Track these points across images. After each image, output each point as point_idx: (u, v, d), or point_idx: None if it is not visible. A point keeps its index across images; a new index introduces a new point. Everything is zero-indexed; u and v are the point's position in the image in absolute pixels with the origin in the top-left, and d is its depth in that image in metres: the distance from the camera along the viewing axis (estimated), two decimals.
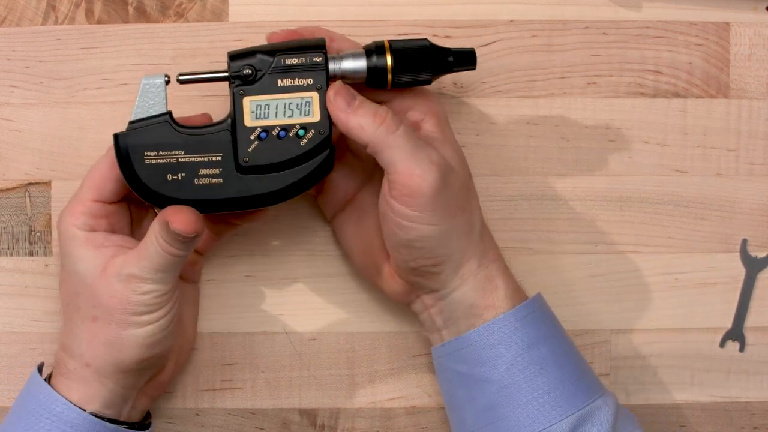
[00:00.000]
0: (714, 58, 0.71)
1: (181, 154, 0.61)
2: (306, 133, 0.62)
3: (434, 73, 0.62)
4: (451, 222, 0.60)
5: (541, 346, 0.61)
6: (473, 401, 0.62)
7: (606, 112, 0.71)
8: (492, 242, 0.64)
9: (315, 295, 0.71)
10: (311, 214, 0.71)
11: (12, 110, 0.70)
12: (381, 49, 0.62)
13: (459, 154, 0.63)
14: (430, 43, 0.62)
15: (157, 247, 0.59)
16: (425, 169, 0.59)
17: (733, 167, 0.71)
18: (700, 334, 0.72)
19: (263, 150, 0.62)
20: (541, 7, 0.71)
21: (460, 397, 0.63)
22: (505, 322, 0.61)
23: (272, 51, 0.61)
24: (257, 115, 0.61)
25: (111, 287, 0.60)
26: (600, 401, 0.61)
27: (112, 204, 0.63)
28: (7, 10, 0.70)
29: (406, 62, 0.62)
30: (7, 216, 0.70)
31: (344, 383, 0.71)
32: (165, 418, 0.70)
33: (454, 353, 0.63)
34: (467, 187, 0.63)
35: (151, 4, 0.70)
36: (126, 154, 0.61)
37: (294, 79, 0.61)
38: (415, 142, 0.60)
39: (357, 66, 0.62)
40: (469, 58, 0.63)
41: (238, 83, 0.61)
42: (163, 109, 0.61)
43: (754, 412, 0.72)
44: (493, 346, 0.61)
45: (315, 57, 0.61)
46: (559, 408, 0.60)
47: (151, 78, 0.61)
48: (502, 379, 0.61)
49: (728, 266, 0.72)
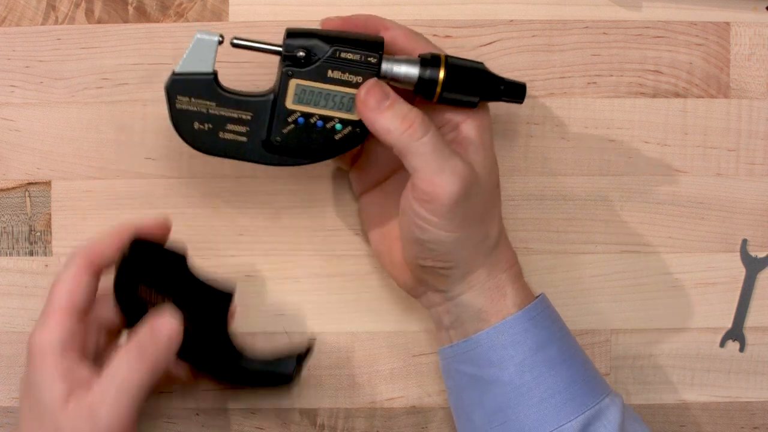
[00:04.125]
0: (714, 58, 0.71)
1: (212, 106, 0.61)
2: (343, 128, 0.62)
3: (482, 98, 0.62)
4: (467, 231, 0.60)
5: (550, 347, 0.61)
6: (483, 402, 0.62)
7: (606, 112, 0.71)
8: (507, 251, 0.64)
9: (315, 295, 0.71)
10: (311, 214, 0.71)
11: (12, 110, 0.70)
12: (437, 61, 0.61)
13: (490, 162, 0.62)
14: (485, 68, 0.62)
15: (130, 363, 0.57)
16: (447, 179, 0.58)
17: (733, 167, 0.72)
18: (700, 334, 0.72)
19: (297, 134, 0.62)
20: (541, 7, 0.71)
21: (468, 399, 0.63)
22: (514, 323, 0.61)
23: (331, 39, 0.61)
24: (300, 99, 0.61)
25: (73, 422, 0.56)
26: (608, 400, 0.62)
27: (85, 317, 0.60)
28: (7, 10, 0.70)
29: (457, 80, 0.61)
30: (7, 216, 0.70)
31: (344, 383, 0.71)
32: (165, 418, 0.70)
33: (462, 354, 0.62)
34: (491, 197, 0.62)
35: (151, 4, 0.70)
36: (167, 96, 0.61)
37: (344, 73, 0.61)
38: (441, 151, 0.59)
39: (409, 73, 0.61)
40: (519, 91, 0.63)
41: (289, 63, 0.61)
42: (210, 68, 0.61)
43: (754, 412, 0.72)
44: (503, 348, 0.61)
45: (370, 57, 0.61)
46: (569, 408, 0.60)
47: (205, 34, 0.60)
48: (513, 380, 0.60)
49: (728, 266, 0.72)
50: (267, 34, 0.69)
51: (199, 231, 0.70)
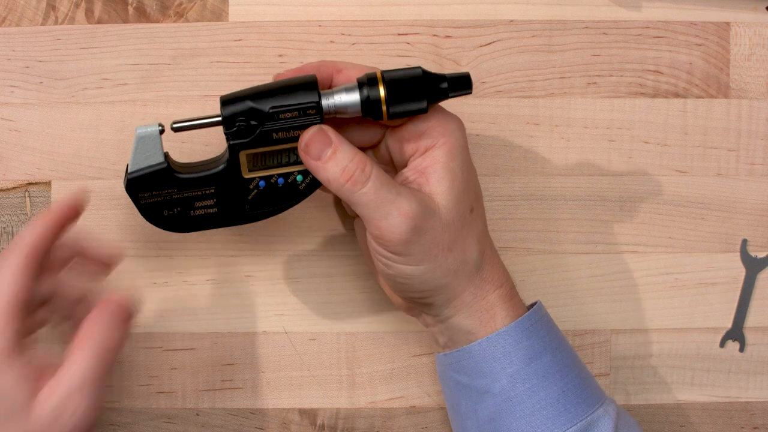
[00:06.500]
0: (714, 58, 0.71)
1: (174, 192, 0.62)
2: (305, 178, 0.62)
3: (430, 101, 0.61)
4: (434, 263, 0.60)
5: (543, 357, 0.61)
6: (476, 412, 0.62)
7: (606, 112, 0.71)
8: (495, 271, 0.63)
9: (315, 295, 0.71)
10: (311, 215, 0.71)
11: (12, 110, 0.70)
12: (373, 80, 0.60)
13: (459, 189, 0.61)
14: (423, 71, 0.61)
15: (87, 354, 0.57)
16: (393, 222, 0.58)
17: (733, 167, 0.72)
18: (700, 334, 0.72)
19: (263, 196, 0.62)
20: (541, 7, 0.71)
21: (462, 407, 0.63)
22: (507, 334, 0.61)
23: (263, 95, 0.60)
24: (255, 166, 0.62)
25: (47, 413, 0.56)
26: (601, 410, 0.61)
27: (30, 312, 0.60)
28: (7, 10, 0.70)
29: (399, 92, 0.60)
30: (7, 216, 0.70)
31: (344, 383, 0.71)
32: (165, 418, 0.70)
33: (455, 364, 0.62)
34: (461, 224, 0.61)
35: (151, 4, 0.70)
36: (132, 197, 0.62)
37: (289, 132, 0.61)
38: (383, 197, 0.58)
39: (350, 100, 0.60)
40: (464, 82, 0.62)
41: (232, 137, 0.61)
42: (160, 158, 0.61)
43: (754, 412, 0.72)
44: (494, 359, 0.60)
45: (309, 108, 0.60)
46: (561, 419, 0.60)
47: (144, 128, 0.61)
48: (504, 391, 0.60)
49: (728, 266, 0.72)
50: (267, 34, 0.70)
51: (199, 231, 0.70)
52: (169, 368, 0.70)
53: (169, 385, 0.70)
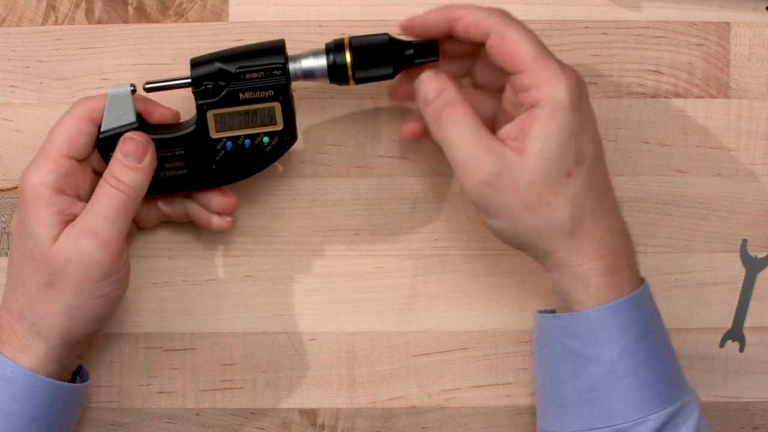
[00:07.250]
0: (714, 58, 0.71)
1: None
2: (271, 140, 0.63)
3: (395, 67, 0.63)
4: (514, 220, 0.60)
5: (651, 335, 0.61)
6: (577, 377, 0.61)
7: (606, 112, 0.71)
8: (596, 240, 0.61)
9: (315, 295, 0.71)
10: (311, 214, 0.71)
11: (12, 110, 0.70)
12: (340, 46, 0.62)
13: (550, 152, 0.59)
14: (390, 38, 0.63)
15: (109, 189, 0.60)
16: (467, 170, 0.60)
17: (733, 167, 0.71)
18: (700, 334, 0.72)
19: (230, 157, 0.64)
20: (541, 7, 0.71)
21: (561, 369, 0.62)
22: (626, 305, 0.60)
23: (232, 57, 0.62)
24: (222, 126, 0.63)
25: (65, 249, 0.60)
26: (691, 396, 0.62)
27: (80, 162, 0.63)
28: (7, 10, 0.70)
29: (365, 58, 0.62)
30: (7, 216, 0.70)
31: (344, 383, 0.71)
32: (165, 418, 0.70)
33: (565, 327, 0.62)
34: (548, 186, 0.59)
35: (151, 4, 0.70)
36: None
37: (255, 92, 0.62)
38: (467, 143, 0.60)
39: (317, 64, 0.63)
40: (430, 49, 0.63)
41: (200, 96, 0.62)
42: (132, 118, 0.63)
43: (754, 412, 0.72)
44: (609, 328, 0.60)
45: (275, 69, 0.62)
46: (658, 399, 0.60)
47: (117, 88, 0.63)
48: (613, 362, 0.60)
49: (728, 266, 0.72)
50: (267, 34, 0.70)
51: (199, 231, 0.70)
52: (169, 368, 0.71)
53: (169, 385, 0.71)
